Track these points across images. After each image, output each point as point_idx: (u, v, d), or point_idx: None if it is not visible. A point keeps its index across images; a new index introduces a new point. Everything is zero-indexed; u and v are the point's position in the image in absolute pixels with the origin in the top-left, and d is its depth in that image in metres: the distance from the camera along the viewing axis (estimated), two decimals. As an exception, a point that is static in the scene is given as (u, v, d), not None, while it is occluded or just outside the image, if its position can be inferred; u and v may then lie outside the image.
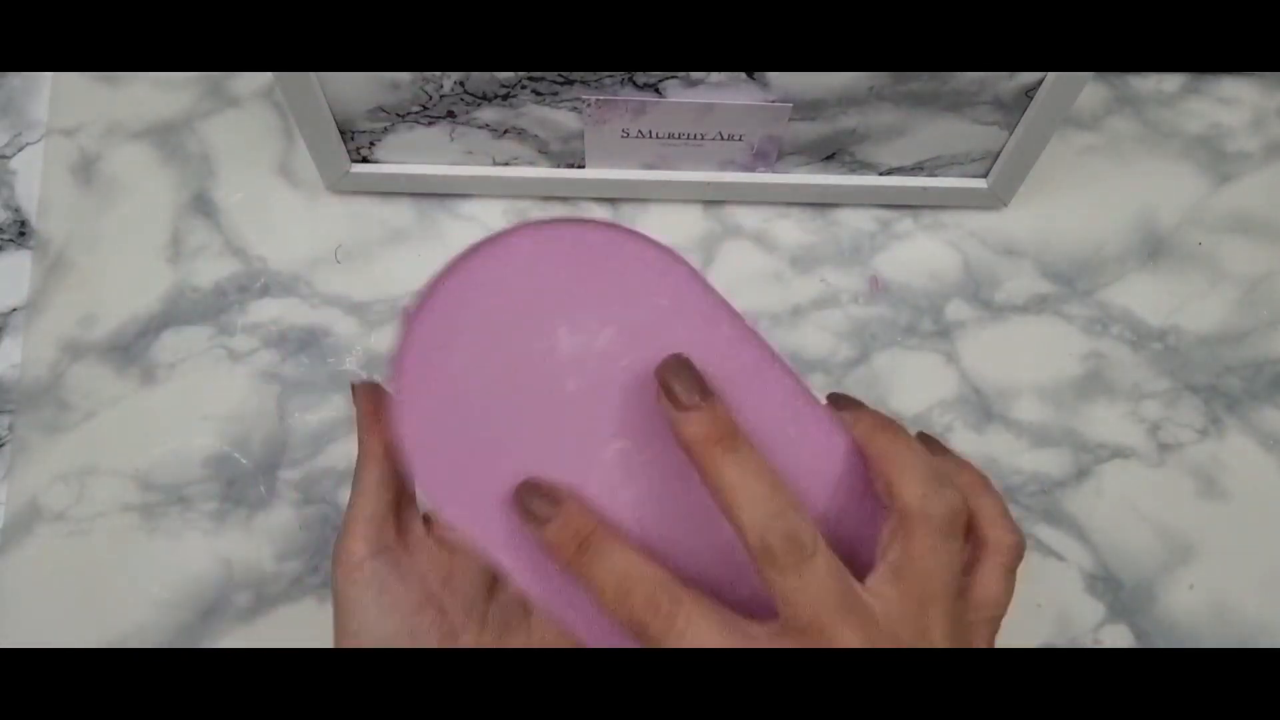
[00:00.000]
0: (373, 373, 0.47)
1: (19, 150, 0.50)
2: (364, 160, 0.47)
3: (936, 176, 0.48)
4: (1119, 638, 0.45)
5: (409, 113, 0.44)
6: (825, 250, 0.49)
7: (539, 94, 0.43)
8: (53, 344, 0.47)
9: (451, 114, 0.44)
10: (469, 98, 0.43)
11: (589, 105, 0.43)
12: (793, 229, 0.49)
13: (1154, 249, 0.50)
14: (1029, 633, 0.45)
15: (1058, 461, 0.46)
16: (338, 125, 0.45)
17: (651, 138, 0.45)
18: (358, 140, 0.46)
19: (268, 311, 0.48)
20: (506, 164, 0.47)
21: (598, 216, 0.49)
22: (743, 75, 0.42)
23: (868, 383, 0.47)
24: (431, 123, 0.45)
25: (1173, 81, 0.52)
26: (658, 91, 0.43)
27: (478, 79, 0.42)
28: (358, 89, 0.43)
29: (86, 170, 0.49)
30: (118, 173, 0.49)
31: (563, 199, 0.49)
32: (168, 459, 0.45)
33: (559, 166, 0.47)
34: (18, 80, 0.51)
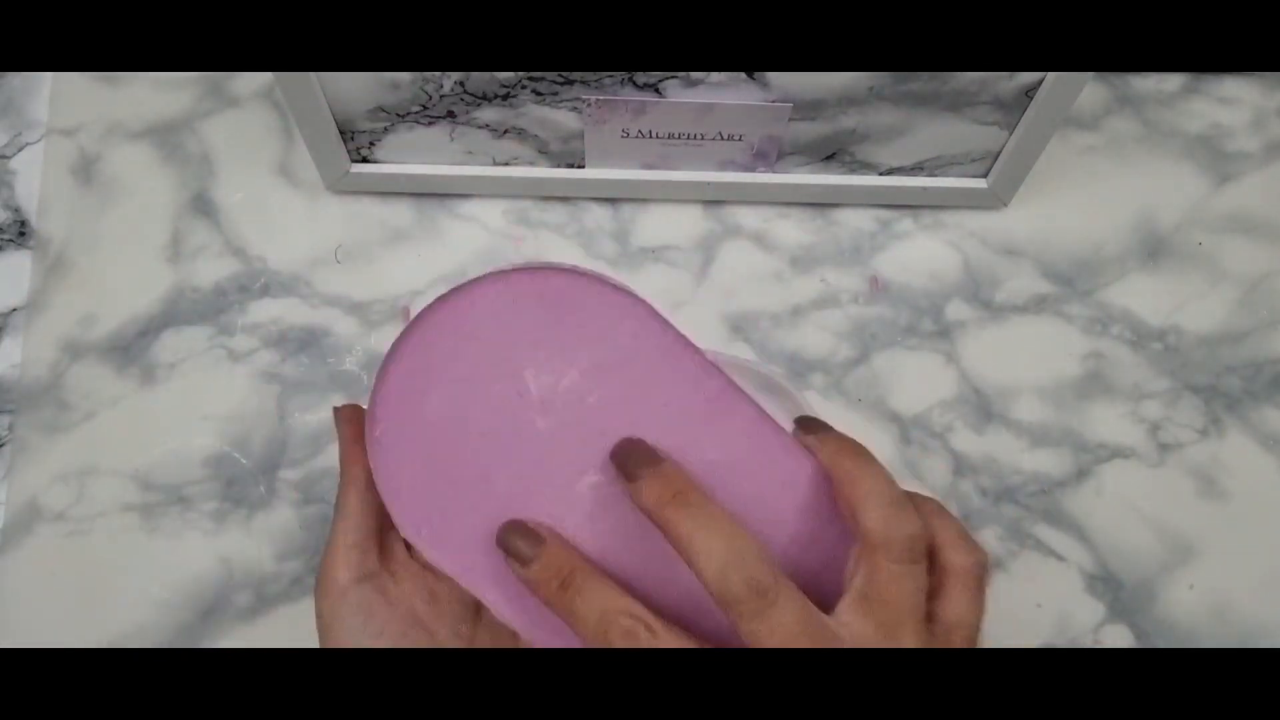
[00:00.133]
0: (372, 372, 0.46)
1: (19, 150, 0.50)
2: (364, 160, 0.47)
3: (936, 176, 0.48)
4: (1119, 638, 0.45)
5: (409, 113, 0.44)
6: (825, 250, 0.49)
7: (539, 94, 0.43)
8: (53, 344, 0.47)
9: (451, 114, 0.44)
10: (469, 98, 0.43)
11: (589, 105, 0.43)
12: (793, 229, 0.49)
13: (1154, 249, 0.50)
14: (1029, 633, 0.45)
15: (1058, 461, 0.46)
16: (338, 125, 0.45)
17: (651, 138, 0.45)
18: (358, 140, 0.46)
19: (268, 311, 0.48)
20: (506, 164, 0.47)
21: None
22: (743, 75, 0.42)
23: (868, 383, 0.47)
24: (431, 123, 0.45)
25: (1173, 81, 0.52)
26: (658, 91, 0.43)
27: (478, 79, 0.42)
28: (358, 89, 0.43)
29: (86, 170, 0.50)
30: (118, 173, 0.49)
31: (563, 199, 0.49)
32: (168, 459, 0.45)
33: (559, 166, 0.47)
34: (18, 80, 0.51)
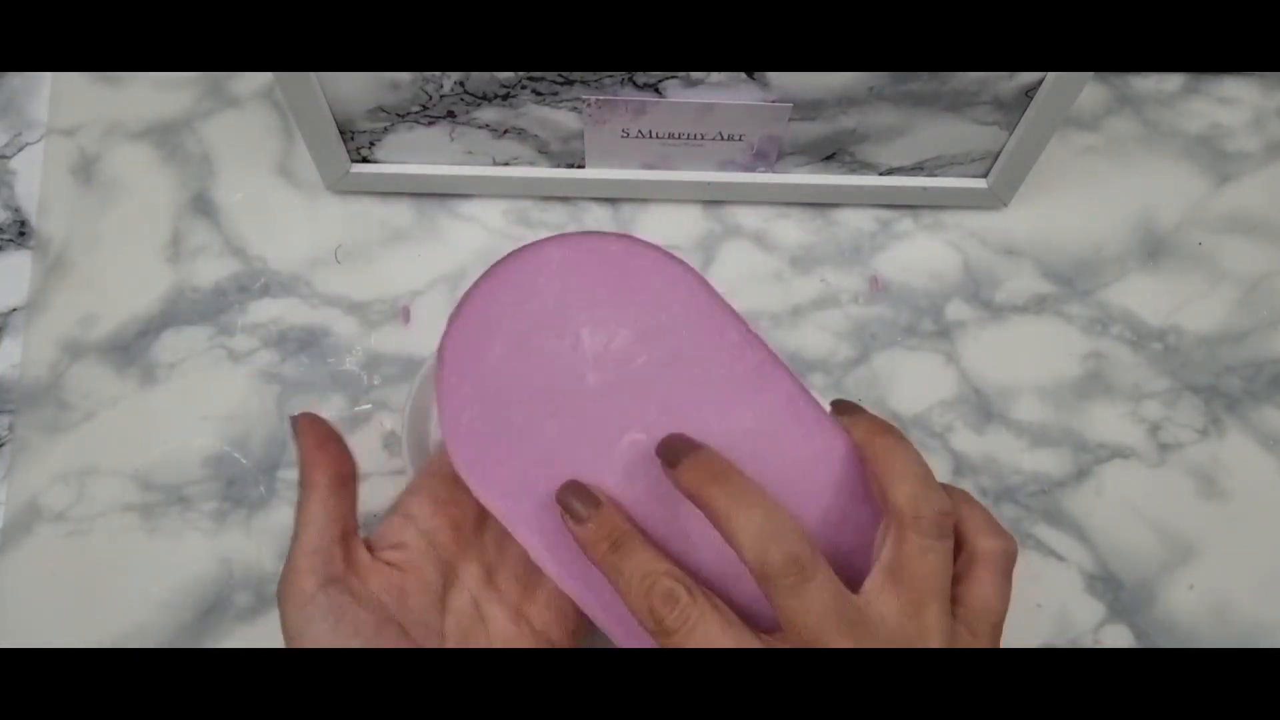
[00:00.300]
0: (372, 372, 0.47)
1: (19, 150, 0.50)
2: (364, 160, 0.47)
3: (936, 176, 0.48)
4: (1119, 638, 0.45)
5: (409, 113, 0.44)
6: (825, 250, 0.49)
7: (539, 94, 0.43)
8: (53, 344, 0.47)
9: (451, 114, 0.44)
10: (469, 98, 0.43)
11: (589, 105, 0.43)
12: (793, 229, 0.49)
13: (1154, 249, 0.50)
14: (1029, 633, 0.45)
15: (1058, 461, 0.46)
16: (338, 125, 0.45)
17: (651, 138, 0.45)
18: (358, 140, 0.46)
19: (268, 311, 0.48)
20: (506, 164, 0.47)
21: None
22: (743, 75, 0.42)
23: (868, 383, 0.47)
24: (431, 123, 0.45)
25: (1173, 81, 0.52)
26: (658, 91, 0.43)
27: (478, 79, 0.42)
28: (358, 89, 0.43)
29: (86, 170, 0.49)
30: (118, 173, 0.49)
31: (563, 199, 0.49)
32: (168, 459, 0.45)
33: (559, 166, 0.47)
34: (18, 80, 0.51)
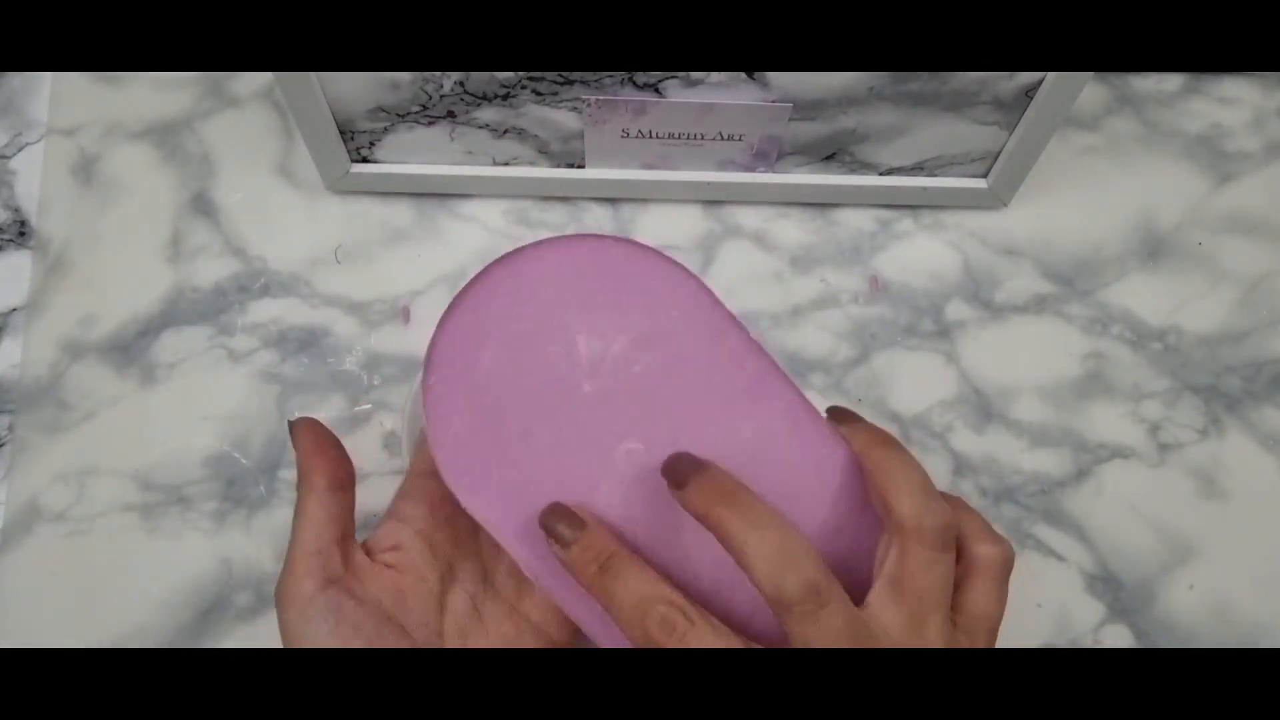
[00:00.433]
0: (372, 372, 0.47)
1: (19, 150, 0.50)
2: (364, 160, 0.47)
3: (936, 176, 0.48)
4: (1119, 638, 0.45)
5: (409, 113, 0.44)
6: (825, 250, 0.49)
7: (539, 94, 0.43)
8: (53, 344, 0.47)
9: (451, 114, 0.44)
10: (469, 98, 0.43)
11: (589, 105, 0.43)
12: (793, 229, 0.49)
13: (1154, 249, 0.50)
14: (1029, 633, 0.45)
15: (1058, 461, 0.46)
16: (338, 125, 0.45)
17: (651, 138, 0.45)
18: (358, 140, 0.46)
19: (268, 311, 0.48)
20: (506, 164, 0.47)
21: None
22: (743, 75, 0.42)
23: (868, 383, 0.47)
24: (431, 123, 0.45)
25: (1173, 81, 0.52)
26: (658, 91, 0.43)
27: (478, 79, 0.42)
28: (358, 89, 0.43)
29: (86, 170, 0.50)
30: (118, 173, 0.49)
31: (563, 199, 0.49)
32: (168, 459, 0.45)
33: (559, 166, 0.47)
34: (18, 80, 0.51)
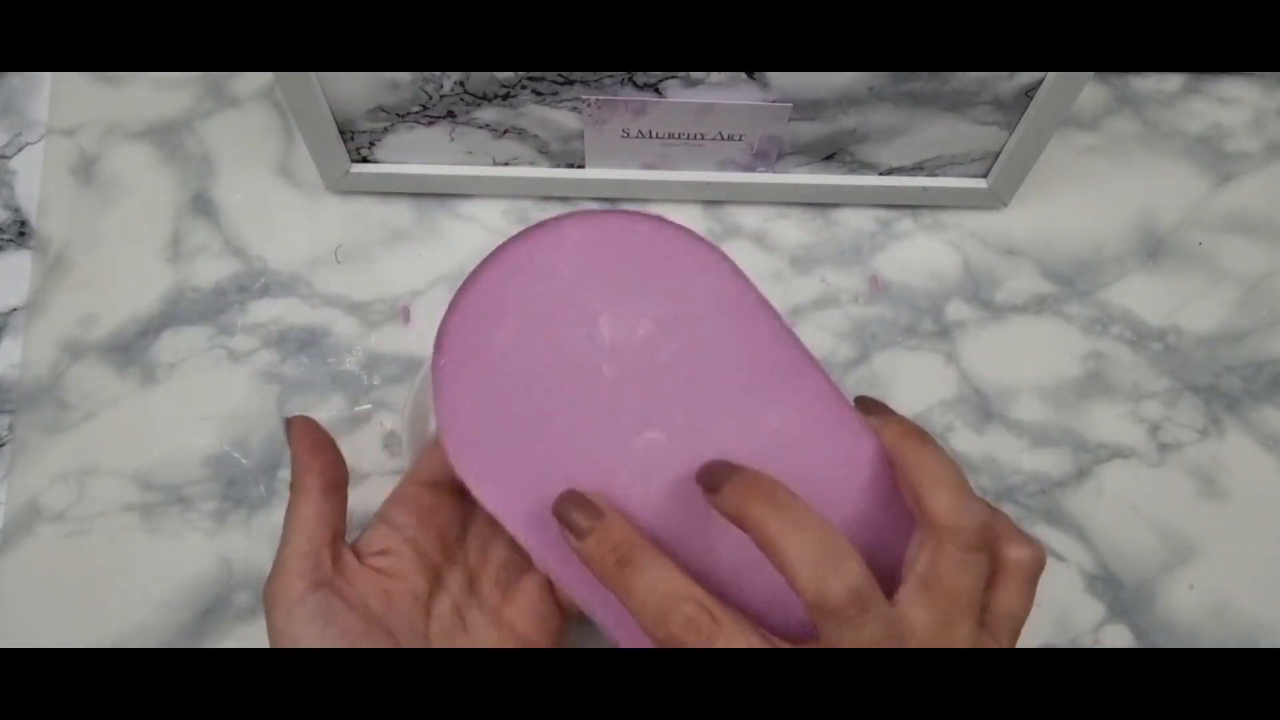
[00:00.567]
0: (372, 372, 0.47)
1: (19, 150, 0.50)
2: (364, 160, 0.47)
3: (936, 176, 0.48)
4: (1119, 638, 0.45)
5: (409, 113, 0.44)
6: (825, 250, 0.49)
7: (539, 94, 0.43)
8: (53, 344, 0.47)
9: (451, 114, 0.44)
10: (469, 98, 0.43)
11: (589, 105, 0.43)
12: (793, 229, 0.49)
13: (1154, 249, 0.50)
14: (1029, 633, 0.44)
15: (1058, 461, 0.46)
16: (338, 125, 0.45)
17: (651, 138, 0.45)
18: (358, 140, 0.46)
19: (268, 311, 0.48)
20: (506, 164, 0.47)
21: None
22: (743, 75, 0.42)
23: (868, 383, 0.47)
24: (431, 123, 0.45)
25: (1173, 81, 0.52)
26: (658, 91, 0.43)
27: (478, 79, 0.42)
28: (358, 89, 0.43)
29: (86, 170, 0.49)
30: (118, 173, 0.49)
31: (563, 199, 0.49)
32: (168, 459, 0.45)
33: (559, 166, 0.47)
34: (18, 80, 0.51)
